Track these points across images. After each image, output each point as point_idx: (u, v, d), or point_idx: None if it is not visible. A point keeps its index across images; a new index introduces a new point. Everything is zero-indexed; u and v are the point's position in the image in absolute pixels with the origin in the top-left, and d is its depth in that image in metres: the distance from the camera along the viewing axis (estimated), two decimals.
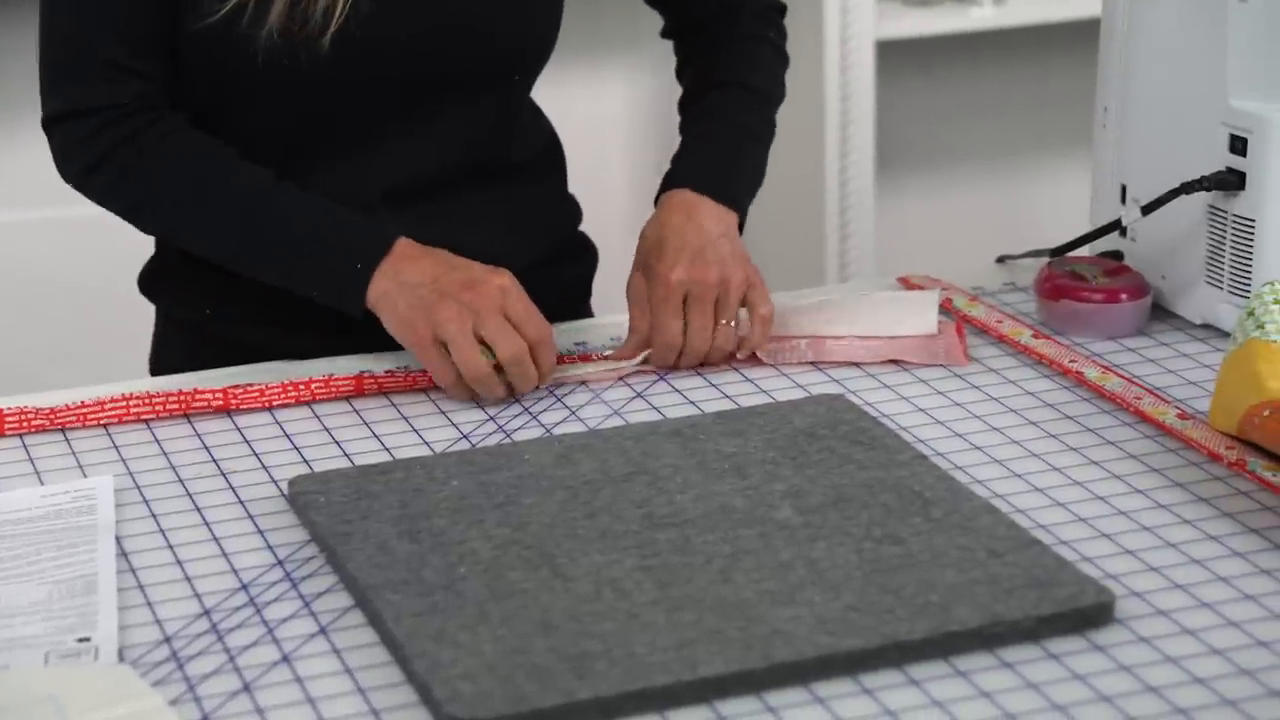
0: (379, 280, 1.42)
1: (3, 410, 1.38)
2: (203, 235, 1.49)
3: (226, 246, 1.48)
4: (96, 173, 1.48)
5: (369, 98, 1.48)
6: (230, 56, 1.43)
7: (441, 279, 1.41)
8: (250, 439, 1.38)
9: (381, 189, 1.51)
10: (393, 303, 1.41)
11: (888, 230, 3.02)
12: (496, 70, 1.53)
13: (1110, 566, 1.17)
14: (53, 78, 1.48)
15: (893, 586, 1.13)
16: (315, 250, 1.45)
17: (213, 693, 1.07)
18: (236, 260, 1.49)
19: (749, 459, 1.30)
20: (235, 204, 1.46)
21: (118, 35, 1.45)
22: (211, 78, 1.47)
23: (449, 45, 1.48)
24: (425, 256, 1.43)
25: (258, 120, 1.49)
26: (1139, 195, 1.56)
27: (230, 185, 1.47)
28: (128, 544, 1.23)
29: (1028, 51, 3.09)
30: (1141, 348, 1.50)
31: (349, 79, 1.46)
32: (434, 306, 1.39)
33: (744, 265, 1.49)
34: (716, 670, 1.06)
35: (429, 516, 1.23)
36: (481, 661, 1.07)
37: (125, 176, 1.48)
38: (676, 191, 1.53)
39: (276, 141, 1.49)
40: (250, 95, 1.47)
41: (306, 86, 1.46)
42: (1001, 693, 1.05)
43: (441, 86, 1.50)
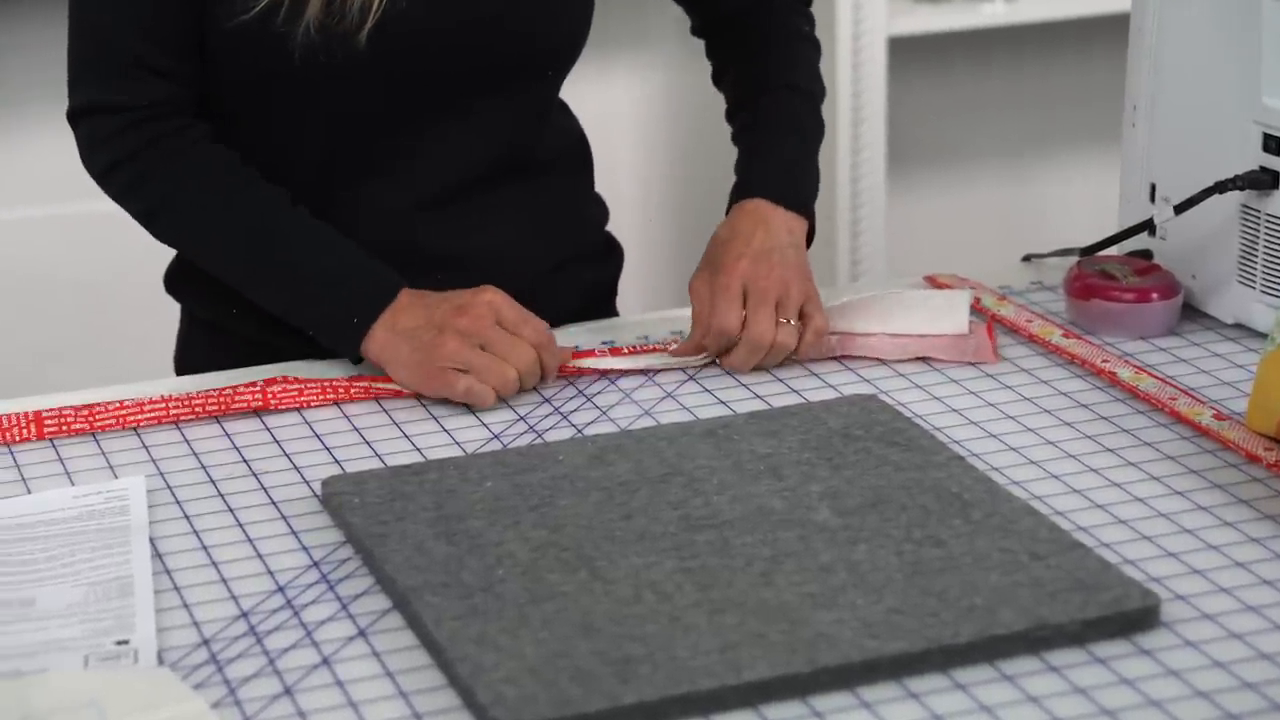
0: (377, 332, 1.42)
1: (41, 413, 1.37)
2: (211, 253, 1.49)
3: (233, 269, 1.48)
4: (118, 170, 1.48)
5: (404, 95, 1.47)
6: (266, 54, 1.42)
7: (434, 314, 1.42)
8: (280, 439, 1.37)
9: (415, 188, 1.51)
10: (395, 351, 1.42)
11: (899, 228, 3.02)
12: (530, 66, 1.52)
13: (1153, 569, 1.17)
14: (82, 70, 1.47)
15: (935, 589, 1.13)
16: (317, 294, 1.45)
17: (254, 696, 1.06)
18: (241, 284, 1.48)
19: (784, 460, 1.29)
20: (247, 230, 1.46)
21: (147, 32, 1.45)
22: (248, 76, 1.46)
23: (484, 40, 1.47)
24: (417, 301, 1.43)
25: (294, 121, 1.48)
26: (1169, 194, 1.55)
27: (245, 209, 1.46)
28: (162, 545, 1.22)
29: (1039, 48, 3.09)
30: (1173, 348, 1.49)
31: (384, 76, 1.45)
32: (435, 346, 1.40)
33: (806, 278, 1.49)
34: (761, 674, 1.05)
35: (465, 518, 1.22)
36: (524, 665, 1.06)
37: (145, 180, 1.47)
38: (749, 200, 1.53)
39: (313, 143, 1.48)
40: (287, 94, 1.46)
41: (342, 84, 1.45)
42: (1049, 697, 1.04)
43: (475, 83, 1.49)
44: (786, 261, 1.49)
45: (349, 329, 1.43)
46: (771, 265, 1.48)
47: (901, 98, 2.95)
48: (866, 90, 2.82)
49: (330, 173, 1.50)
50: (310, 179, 1.50)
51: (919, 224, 3.12)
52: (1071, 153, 3.18)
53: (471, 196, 1.53)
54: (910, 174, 3.09)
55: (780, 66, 1.60)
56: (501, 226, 1.55)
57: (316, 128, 1.48)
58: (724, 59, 1.65)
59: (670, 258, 3.07)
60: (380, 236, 1.51)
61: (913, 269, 1.65)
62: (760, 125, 1.58)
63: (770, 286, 1.46)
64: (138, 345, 1.90)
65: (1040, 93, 3.12)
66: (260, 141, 1.49)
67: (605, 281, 1.67)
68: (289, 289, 1.46)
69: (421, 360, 1.41)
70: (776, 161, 1.56)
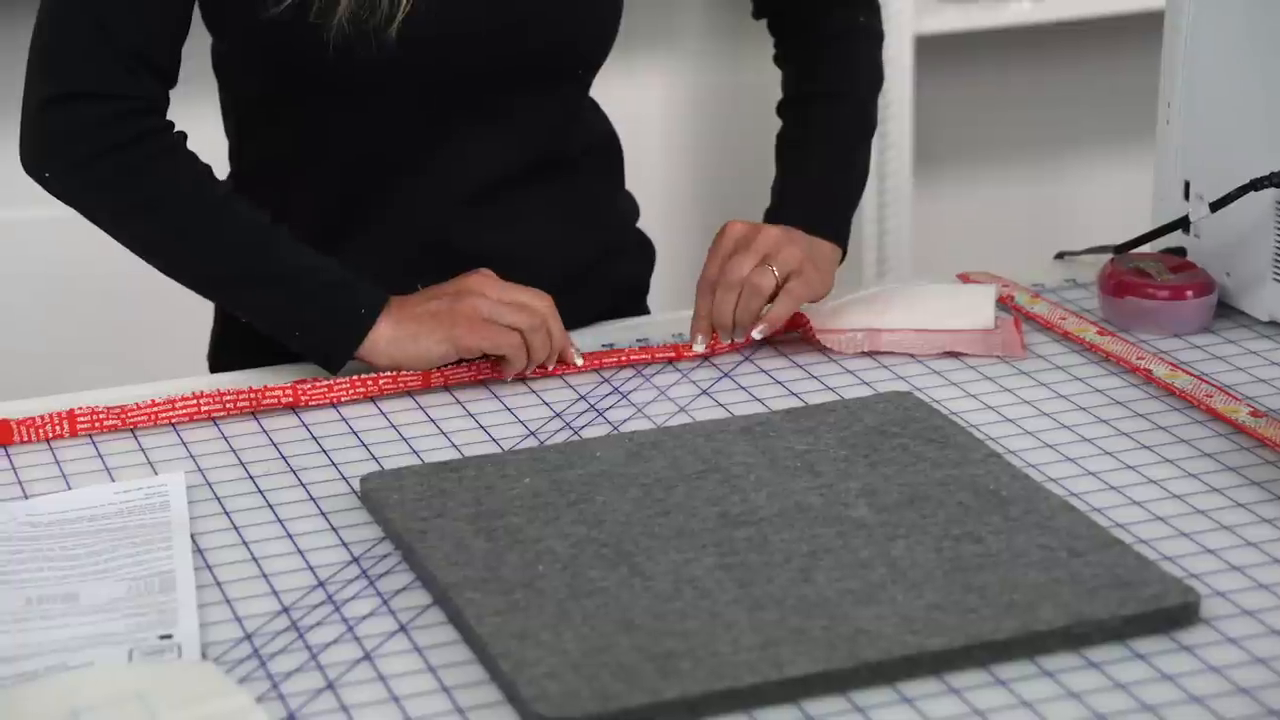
0: (383, 323, 1.42)
1: (75, 411, 1.37)
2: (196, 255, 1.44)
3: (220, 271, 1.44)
4: (101, 160, 1.42)
5: (435, 94, 1.48)
6: (301, 47, 1.42)
7: (438, 297, 1.43)
8: (318, 435, 1.37)
9: (449, 188, 1.51)
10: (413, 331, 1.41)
11: (925, 226, 3.02)
12: (561, 65, 1.52)
13: (1192, 566, 1.17)
14: (70, 55, 1.41)
15: (975, 586, 1.13)
16: (314, 293, 1.43)
17: (297, 690, 1.06)
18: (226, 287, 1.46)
19: (821, 456, 1.29)
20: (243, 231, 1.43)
21: (149, 26, 1.42)
22: (283, 71, 1.46)
23: (515, 39, 1.48)
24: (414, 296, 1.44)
25: (328, 119, 1.48)
26: (1203, 192, 1.55)
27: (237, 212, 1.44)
28: (202, 541, 1.22)
29: (1066, 47, 3.08)
30: (1208, 345, 1.49)
31: (416, 74, 1.46)
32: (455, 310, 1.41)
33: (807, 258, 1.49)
34: (802, 670, 1.06)
35: (504, 514, 1.23)
36: (566, 660, 1.07)
37: (133, 173, 1.42)
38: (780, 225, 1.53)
39: (346, 142, 1.49)
40: (321, 91, 1.46)
41: (375, 82, 1.45)
42: (1090, 693, 1.05)
43: (507, 82, 1.49)
44: (793, 237, 1.50)
45: (355, 322, 1.41)
46: (771, 230, 1.49)
47: (929, 96, 2.95)
48: (894, 88, 2.82)
49: (363, 173, 1.50)
50: (344, 179, 1.51)
51: (946, 222, 3.11)
52: (1099, 151, 3.18)
53: (504, 196, 1.54)
54: (937, 172, 3.09)
55: (833, 68, 1.61)
56: (533, 225, 1.55)
57: (350, 127, 1.49)
58: (782, 46, 1.65)
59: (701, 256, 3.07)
60: (413, 237, 1.51)
61: (939, 267, 1.65)
62: (804, 143, 1.59)
63: (763, 242, 1.48)
64: (171, 343, 1.91)
65: (1067, 91, 3.12)
66: (295, 141, 1.50)
67: (637, 279, 1.68)
68: (282, 293, 1.43)
69: (449, 321, 1.41)
70: (813, 187, 1.57)
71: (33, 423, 1.36)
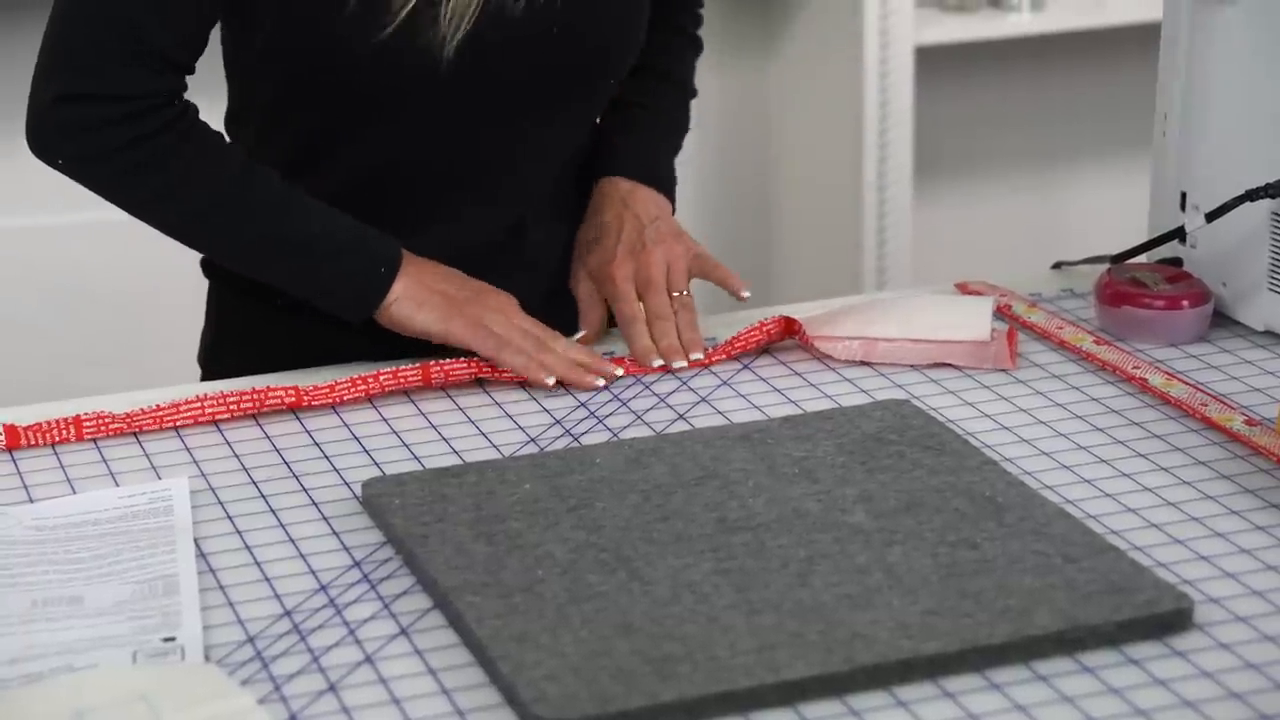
0: (403, 281, 1.46)
1: (80, 416, 1.38)
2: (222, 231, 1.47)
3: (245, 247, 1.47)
4: (112, 159, 1.43)
5: (469, 105, 1.48)
6: (344, 60, 1.44)
7: (463, 286, 1.46)
8: (320, 440, 1.38)
9: (477, 195, 1.53)
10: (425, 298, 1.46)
11: (925, 236, 3.03)
12: (594, 74, 1.53)
13: (1185, 572, 1.18)
14: (82, 54, 1.41)
15: (971, 591, 1.14)
16: (335, 251, 1.46)
17: (299, 693, 1.07)
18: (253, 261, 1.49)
19: (819, 463, 1.31)
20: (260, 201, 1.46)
21: (168, 21, 1.42)
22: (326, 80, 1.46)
23: (552, 49, 1.48)
24: (436, 266, 1.48)
25: (357, 133, 1.49)
26: (1199, 202, 1.57)
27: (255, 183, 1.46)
28: (205, 545, 1.24)
29: (1065, 58, 3.10)
30: (1204, 354, 1.50)
31: (452, 84, 1.45)
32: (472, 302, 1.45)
33: (684, 240, 1.54)
34: (799, 673, 1.07)
35: (504, 519, 1.24)
36: (565, 663, 1.08)
37: (147, 168, 1.44)
38: (609, 181, 1.57)
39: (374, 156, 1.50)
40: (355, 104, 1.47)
41: (413, 93, 1.46)
42: (1084, 697, 1.06)
43: (541, 92, 1.50)
44: (660, 236, 1.54)
45: (374, 280, 1.45)
46: (649, 250, 1.53)
47: (928, 107, 2.96)
48: (893, 99, 2.83)
49: (387, 182, 1.51)
50: (368, 188, 1.51)
51: (945, 232, 3.13)
52: (1097, 161, 3.20)
53: (522, 203, 1.55)
54: (937, 182, 3.10)
55: (654, 56, 1.62)
56: (542, 229, 1.57)
57: (379, 138, 1.49)
58: None
59: None
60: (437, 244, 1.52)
61: (938, 277, 1.66)
62: (629, 105, 1.62)
63: (654, 275, 1.52)
64: (173, 350, 1.92)
65: (1065, 102, 3.14)
66: (320, 152, 1.50)
67: None
68: (305, 252, 1.46)
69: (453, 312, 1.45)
70: (642, 143, 1.61)
71: (39, 428, 1.37)
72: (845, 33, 2.81)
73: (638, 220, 1.56)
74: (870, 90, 2.82)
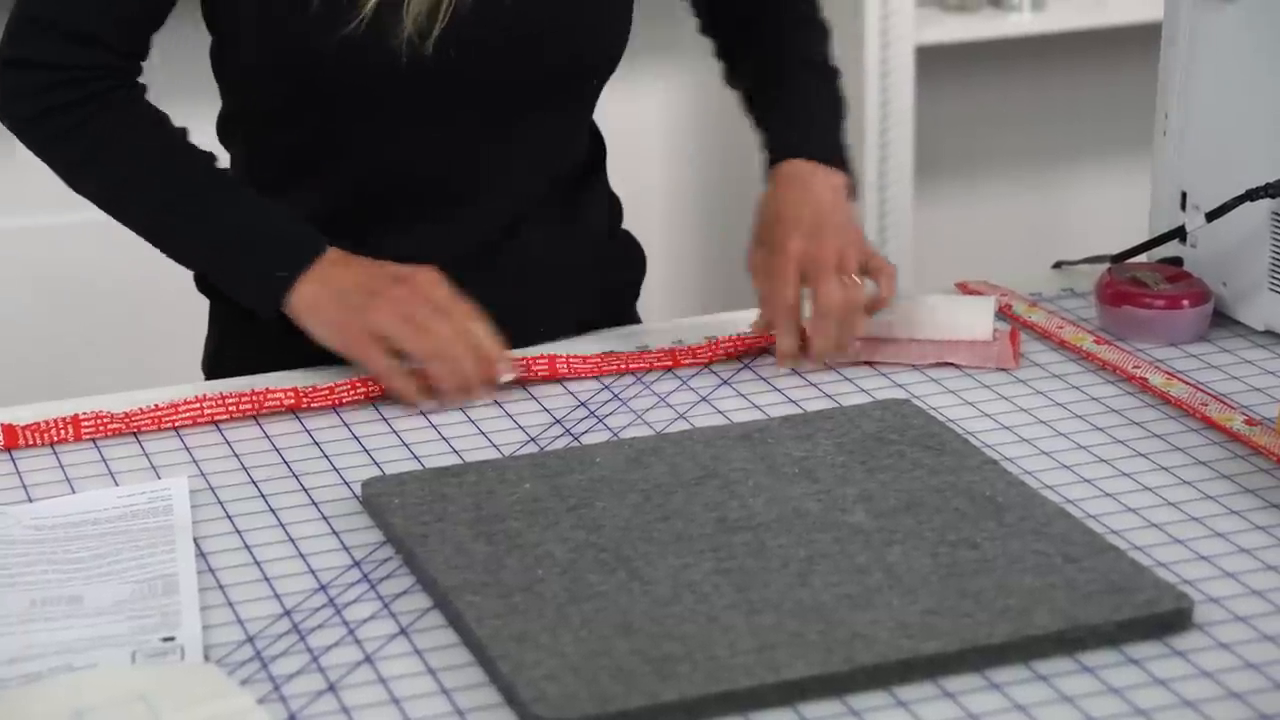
0: (304, 286, 1.43)
1: (79, 416, 1.38)
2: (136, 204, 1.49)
3: (159, 221, 1.48)
4: (39, 124, 1.48)
5: (452, 106, 1.48)
6: (323, 59, 1.44)
7: (369, 280, 1.43)
8: (320, 440, 1.38)
9: (461, 199, 1.52)
10: (321, 309, 1.43)
11: (926, 236, 3.03)
12: (576, 76, 1.53)
13: (1185, 572, 1.18)
14: (26, 24, 1.47)
15: (970, 591, 1.14)
16: (244, 245, 1.46)
17: (298, 692, 1.07)
18: (165, 236, 1.49)
19: (819, 463, 1.30)
20: (177, 181, 1.47)
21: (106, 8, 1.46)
22: (302, 85, 1.47)
23: (533, 50, 1.48)
24: (354, 263, 1.45)
25: (341, 135, 1.49)
26: (1200, 202, 1.56)
27: (176, 162, 1.48)
28: (205, 544, 1.24)
29: (1066, 57, 3.10)
30: (1204, 354, 1.50)
31: (435, 84, 1.46)
32: (364, 309, 1.41)
33: (860, 239, 1.51)
34: (798, 673, 1.07)
35: (504, 519, 1.24)
36: (565, 663, 1.08)
37: (70, 134, 1.47)
38: (789, 163, 1.54)
39: (359, 159, 1.50)
40: (337, 105, 1.47)
41: (394, 93, 1.46)
42: (1083, 697, 1.06)
43: (524, 93, 1.50)
44: (838, 226, 1.50)
45: (273, 281, 1.43)
46: (824, 237, 1.49)
47: (929, 106, 2.96)
48: (894, 99, 2.83)
49: (373, 186, 1.51)
50: (354, 192, 1.51)
51: (946, 232, 3.13)
52: (1098, 161, 3.19)
53: (510, 206, 1.55)
54: (937, 182, 3.10)
55: (795, 48, 1.62)
56: (532, 231, 1.56)
57: (362, 140, 1.49)
58: (737, 55, 1.66)
59: (697, 264, 3.09)
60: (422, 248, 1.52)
61: (939, 277, 1.66)
62: (785, 99, 1.60)
63: (826, 255, 1.47)
64: (173, 349, 1.92)
65: (1066, 101, 3.14)
66: (305, 154, 1.51)
67: (628, 281, 1.68)
68: (215, 241, 1.47)
69: (348, 321, 1.42)
70: (807, 124, 1.58)
71: (37, 427, 1.37)
72: (846, 32, 2.81)
73: (819, 204, 1.51)
74: (871, 90, 2.82)
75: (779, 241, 1.49)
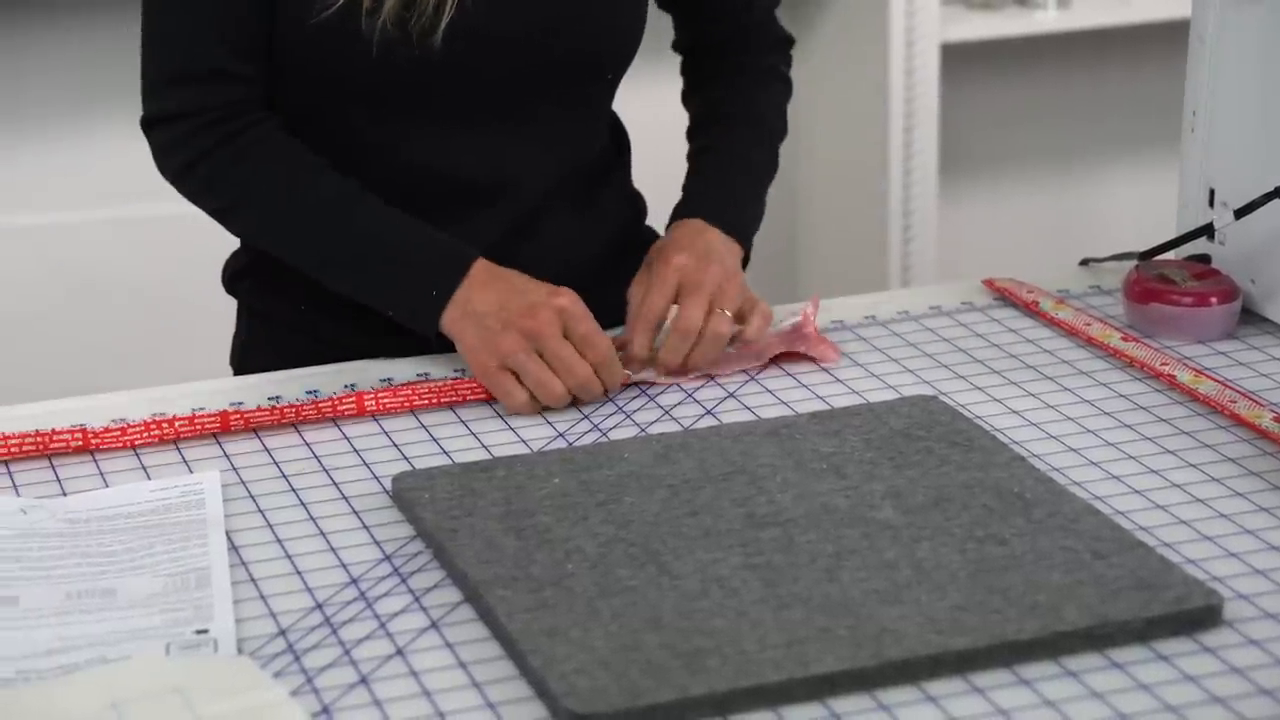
0: (452, 309, 1.45)
1: (127, 426, 1.38)
2: (288, 242, 1.51)
3: (310, 256, 1.51)
4: (192, 172, 1.51)
5: (469, 100, 1.50)
6: (344, 53, 1.45)
7: (507, 305, 1.43)
8: (350, 435, 1.39)
9: (480, 193, 1.53)
10: (463, 332, 1.44)
11: (951, 233, 3.03)
12: (589, 71, 1.54)
13: (1214, 569, 1.18)
14: (156, 80, 1.50)
15: (999, 587, 1.14)
16: (394, 271, 1.47)
17: (331, 685, 1.08)
18: (319, 269, 1.51)
19: (847, 459, 1.31)
20: (321, 214, 1.49)
21: (221, 40, 1.48)
22: (323, 75, 1.48)
23: (545, 45, 1.50)
24: (495, 281, 1.45)
25: (363, 132, 1.50)
26: (1228, 199, 1.56)
27: (319, 194, 1.49)
28: (237, 538, 1.24)
29: (1091, 55, 3.09)
30: (1232, 351, 1.50)
31: (451, 78, 1.47)
32: (497, 338, 1.42)
33: (741, 280, 1.50)
34: (828, 668, 1.07)
35: (533, 514, 1.24)
36: (595, 657, 1.08)
37: (219, 177, 1.50)
38: (690, 220, 1.55)
39: (381, 155, 1.51)
40: (356, 102, 1.48)
41: (411, 87, 1.47)
42: (1113, 693, 1.06)
43: (537, 87, 1.51)
44: (725, 265, 1.50)
45: (428, 303, 1.45)
46: (709, 263, 1.49)
47: (954, 104, 2.96)
48: (919, 96, 2.83)
49: (395, 182, 1.52)
50: (377, 189, 1.52)
51: (971, 229, 3.13)
52: (1123, 159, 3.19)
53: (530, 200, 1.55)
54: (962, 179, 3.10)
55: (746, 99, 1.63)
56: (555, 225, 1.57)
57: (383, 137, 1.50)
58: (696, 80, 1.67)
59: None
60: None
61: (964, 274, 1.67)
62: (713, 151, 1.61)
63: (706, 280, 1.48)
64: (199, 344, 1.93)
65: (1092, 98, 3.13)
66: (328, 152, 1.52)
67: None
68: (367, 268, 1.48)
69: (480, 348, 1.43)
70: (721, 188, 1.58)
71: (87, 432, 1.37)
72: (871, 30, 2.81)
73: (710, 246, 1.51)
74: (896, 87, 2.82)
75: (664, 257, 1.50)
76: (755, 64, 1.65)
